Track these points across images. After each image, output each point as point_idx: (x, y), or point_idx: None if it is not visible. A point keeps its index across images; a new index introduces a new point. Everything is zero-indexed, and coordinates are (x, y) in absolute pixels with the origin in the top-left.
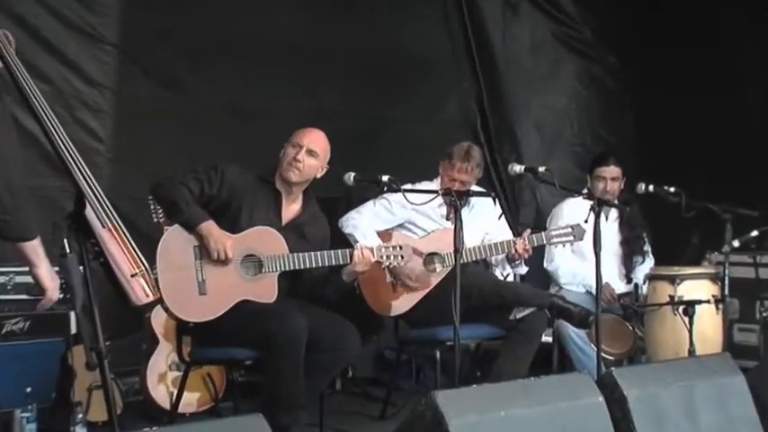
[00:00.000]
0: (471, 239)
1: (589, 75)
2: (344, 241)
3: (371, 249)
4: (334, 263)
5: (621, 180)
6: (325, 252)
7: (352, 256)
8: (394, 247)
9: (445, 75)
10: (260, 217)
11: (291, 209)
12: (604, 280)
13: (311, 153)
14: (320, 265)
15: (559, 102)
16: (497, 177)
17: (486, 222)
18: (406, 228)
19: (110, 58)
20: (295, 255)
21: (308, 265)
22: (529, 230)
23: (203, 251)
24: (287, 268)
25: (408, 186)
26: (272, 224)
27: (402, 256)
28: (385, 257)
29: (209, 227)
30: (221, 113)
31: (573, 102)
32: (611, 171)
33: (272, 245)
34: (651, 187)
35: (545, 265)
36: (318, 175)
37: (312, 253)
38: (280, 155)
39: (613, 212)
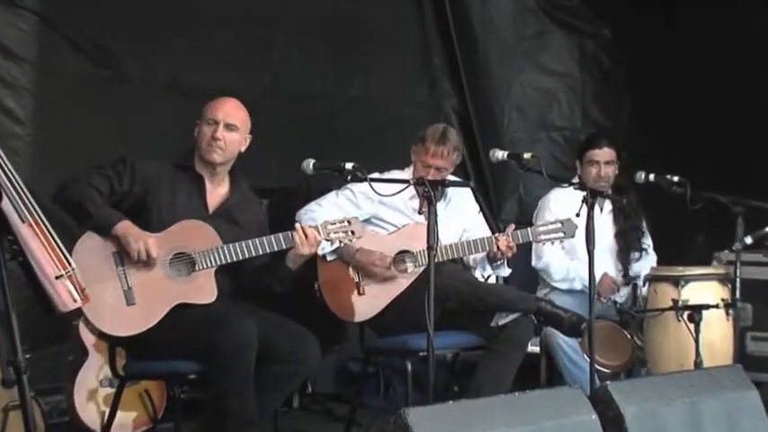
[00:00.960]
0: (447, 236)
1: (579, 49)
2: None
3: (315, 227)
4: (275, 248)
5: (616, 164)
6: (263, 238)
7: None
8: (341, 222)
9: (415, 48)
10: (183, 208)
11: (218, 193)
12: (599, 273)
13: (230, 127)
14: (259, 253)
15: (545, 80)
16: (476, 167)
17: (464, 217)
18: (373, 223)
19: (29, 25)
20: (229, 246)
21: (245, 256)
22: (513, 226)
23: (124, 256)
24: (222, 262)
25: (376, 175)
26: (197, 214)
27: (352, 232)
28: (332, 234)
29: (126, 226)
30: (159, 91)
31: (561, 80)
32: (605, 154)
33: (202, 238)
34: (652, 176)
35: (533, 263)
36: (243, 149)
37: (248, 241)
38: (194, 134)
39: (608, 203)
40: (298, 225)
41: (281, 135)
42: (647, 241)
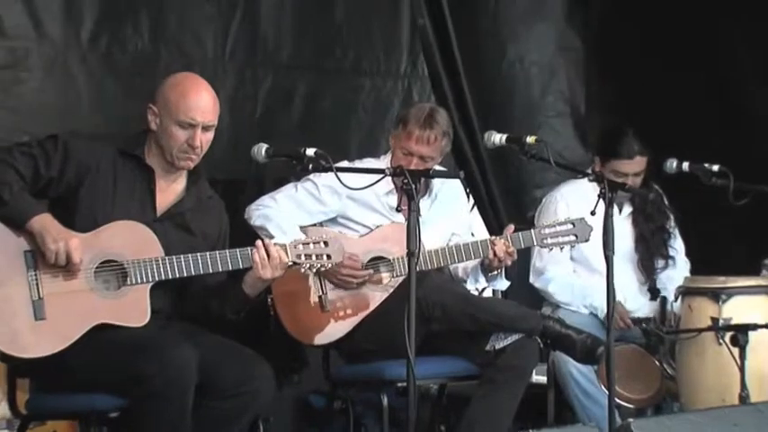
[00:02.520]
0: (432, 239)
1: (585, 14)
2: (253, 239)
3: (283, 246)
4: (230, 267)
5: (645, 170)
6: (215, 254)
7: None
8: (316, 242)
9: (396, 7)
10: (123, 206)
11: (171, 192)
12: (618, 297)
13: (208, 128)
14: (208, 270)
15: (545, 51)
16: (475, 154)
17: (453, 216)
18: (341, 223)
19: None
20: (173, 259)
21: (189, 273)
22: (512, 227)
23: (39, 257)
24: (161, 277)
25: (344, 165)
26: (141, 215)
27: (328, 255)
28: (303, 257)
29: (44, 221)
30: (82, 58)
31: (562, 53)
32: (635, 164)
33: (140, 245)
34: (686, 165)
35: (531, 279)
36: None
37: (196, 256)
38: (150, 123)
39: (627, 204)
40: (259, 242)
41: (229, 114)
42: (677, 245)
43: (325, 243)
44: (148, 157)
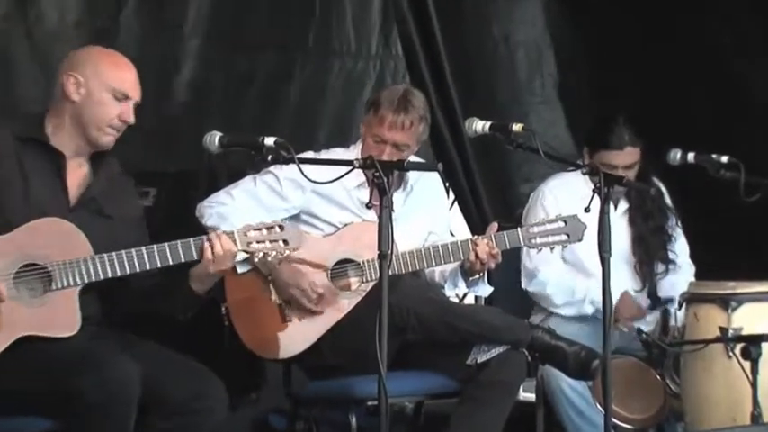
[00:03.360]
0: (407, 239)
1: None
2: None
3: (231, 234)
4: (170, 262)
5: (639, 162)
6: (154, 248)
7: (200, 249)
8: (270, 228)
9: None
10: (38, 200)
11: (78, 176)
12: (615, 292)
13: (134, 109)
14: (147, 267)
15: (532, 30)
16: (456, 143)
17: (430, 213)
18: (305, 221)
19: None
20: (104, 257)
21: (125, 271)
22: (496, 225)
23: None
24: (92, 279)
25: (309, 155)
26: (57, 206)
27: (285, 241)
28: (255, 244)
29: None
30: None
31: (552, 32)
32: (626, 156)
33: (65, 243)
34: (691, 156)
35: (524, 284)
36: None
37: (132, 252)
38: (71, 96)
39: (623, 201)
40: (213, 236)
41: (182, 98)
42: (679, 248)
43: (281, 227)
44: (53, 139)
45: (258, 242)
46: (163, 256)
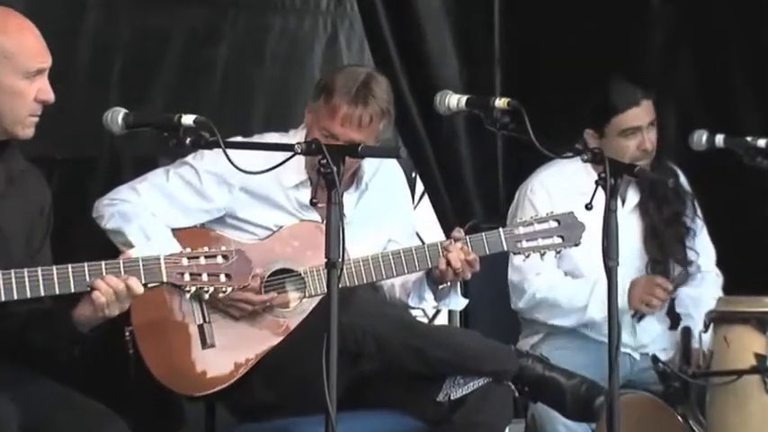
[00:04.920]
0: (361, 245)
1: None
2: (105, 244)
3: (157, 262)
4: (57, 291)
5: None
6: (38, 272)
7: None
8: (209, 256)
9: None
10: None
11: None
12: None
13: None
14: (26, 296)
15: None
16: (427, 125)
17: (390, 214)
18: (231, 224)
19: None
20: None
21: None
22: (460, 231)
23: None
24: None
25: (239, 140)
26: None
27: (228, 275)
28: (187, 277)
29: None
30: None
31: None
32: (646, 111)
33: None
34: (720, 139)
35: (514, 304)
36: None
37: (10, 274)
38: None
39: (632, 193)
40: (113, 280)
41: (79, 67)
42: (701, 244)
43: (224, 257)
44: None
45: (192, 274)
46: (48, 286)
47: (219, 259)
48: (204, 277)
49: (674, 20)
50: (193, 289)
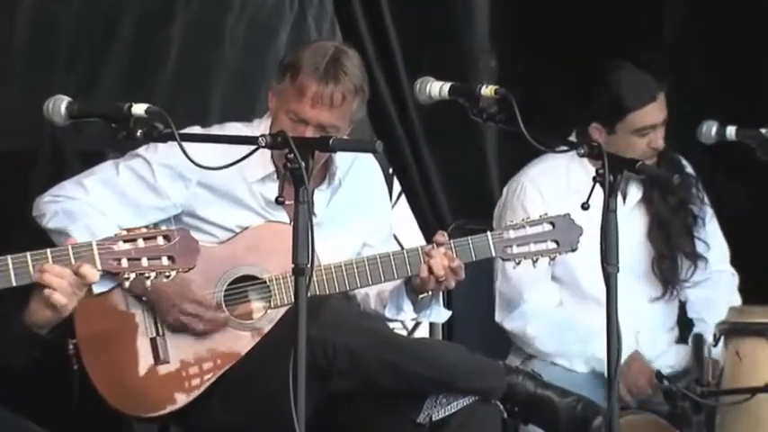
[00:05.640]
0: (333, 253)
1: None
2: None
3: (89, 248)
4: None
5: None
6: None
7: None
8: (150, 238)
9: None
10: None
11: None
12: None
13: None
14: None
15: None
16: (403, 116)
17: (365, 217)
18: (188, 224)
19: None
20: None
21: None
22: (444, 235)
23: None
24: None
25: (196, 131)
26: None
27: (171, 258)
28: (125, 261)
29: None
30: None
31: None
32: (661, 106)
33: None
34: (731, 131)
35: (499, 318)
36: None
37: None
38: None
39: (635, 189)
40: (52, 269)
41: (9, 46)
42: (712, 237)
43: (166, 237)
44: None
45: (130, 259)
46: None
47: (160, 240)
48: (144, 262)
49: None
50: (133, 276)
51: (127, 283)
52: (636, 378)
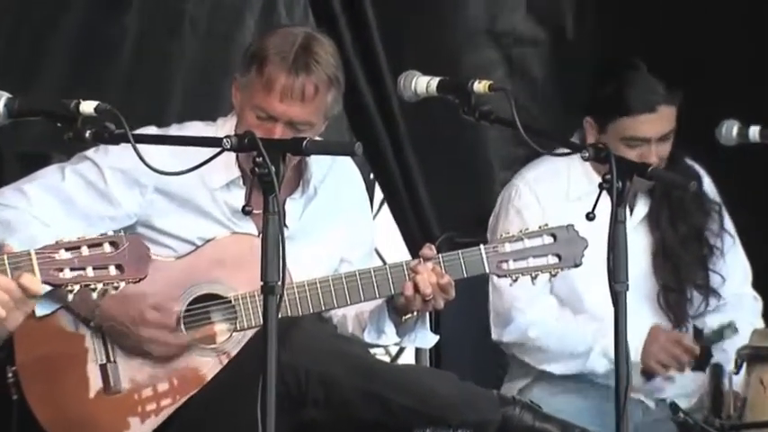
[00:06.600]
0: (307, 269)
1: None
2: None
3: (28, 258)
4: None
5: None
6: None
7: None
8: (94, 246)
9: None
10: None
11: None
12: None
13: None
14: None
15: None
16: (385, 114)
17: (343, 229)
18: (143, 235)
19: None
20: None
21: None
22: (432, 248)
23: None
24: None
25: (153, 131)
26: None
27: (119, 267)
28: (68, 271)
29: None
30: None
31: None
32: (660, 121)
33: None
34: (754, 132)
35: (495, 335)
36: None
37: None
38: None
39: (642, 202)
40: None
41: None
42: (731, 266)
43: (113, 244)
44: None
45: (74, 269)
46: None
47: (107, 247)
48: (89, 272)
49: None
50: (77, 288)
51: (71, 296)
52: (666, 347)
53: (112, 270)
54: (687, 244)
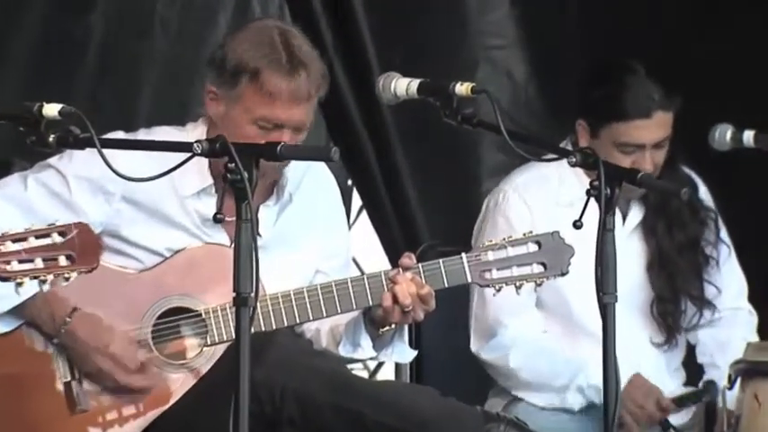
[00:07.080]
0: (281, 280)
1: None
2: None
3: None
4: None
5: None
6: None
7: None
8: (43, 236)
9: None
10: None
11: None
12: (626, 373)
13: None
14: None
15: None
16: (366, 116)
17: (319, 239)
18: (109, 246)
19: None
20: None
21: None
22: (411, 257)
23: None
24: None
25: (120, 136)
26: None
27: (71, 257)
28: (16, 263)
29: None
30: None
31: None
32: (655, 127)
33: None
34: (748, 136)
35: (475, 348)
36: None
37: None
38: None
39: (636, 209)
40: None
41: None
42: (726, 277)
43: (61, 233)
44: None
45: (22, 261)
46: None
47: (56, 237)
48: (39, 263)
49: None
50: (27, 280)
51: (20, 289)
52: (640, 400)
53: (62, 260)
54: (683, 253)
